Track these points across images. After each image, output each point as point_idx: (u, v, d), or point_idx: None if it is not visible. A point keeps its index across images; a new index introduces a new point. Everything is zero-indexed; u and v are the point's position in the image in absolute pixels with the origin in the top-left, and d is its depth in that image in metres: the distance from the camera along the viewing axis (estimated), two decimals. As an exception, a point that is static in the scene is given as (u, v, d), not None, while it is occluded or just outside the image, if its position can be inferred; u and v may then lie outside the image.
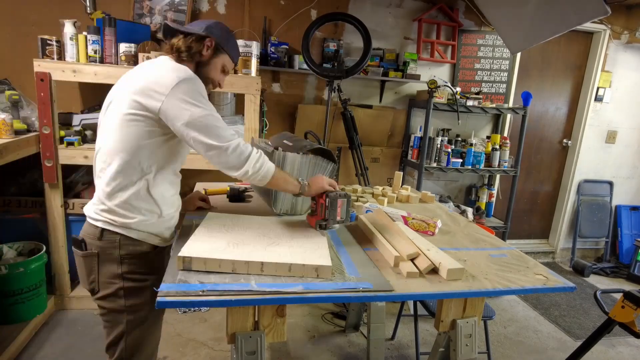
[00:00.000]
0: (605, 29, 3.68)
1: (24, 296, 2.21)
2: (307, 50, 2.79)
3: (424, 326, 2.65)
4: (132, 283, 1.27)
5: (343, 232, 1.51)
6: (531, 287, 1.22)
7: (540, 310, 3.08)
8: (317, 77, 3.12)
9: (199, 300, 0.98)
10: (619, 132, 4.00)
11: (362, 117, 3.25)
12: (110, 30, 2.24)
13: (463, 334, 1.26)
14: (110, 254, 1.25)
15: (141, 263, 1.28)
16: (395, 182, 2.20)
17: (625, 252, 4.02)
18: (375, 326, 1.81)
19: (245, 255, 1.13)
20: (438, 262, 1.22)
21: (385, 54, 3.29)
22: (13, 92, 2.20)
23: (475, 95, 3.32)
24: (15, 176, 2.54)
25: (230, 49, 1.35)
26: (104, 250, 1.25)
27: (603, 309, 1.79)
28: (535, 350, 2.59)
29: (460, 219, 1.82)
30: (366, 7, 3.21)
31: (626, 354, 2.62)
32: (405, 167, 3.55)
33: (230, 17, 2.98)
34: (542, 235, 4.27)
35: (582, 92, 3.91)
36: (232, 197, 1.78)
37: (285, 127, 3.27)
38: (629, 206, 4.16)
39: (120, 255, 1.25)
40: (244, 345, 1.08)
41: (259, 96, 2.45)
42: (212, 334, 2.43)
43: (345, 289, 1.07)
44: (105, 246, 1.25)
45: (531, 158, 4.00)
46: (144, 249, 1.28)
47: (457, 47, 3.43)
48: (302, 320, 2.66)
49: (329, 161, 1.58)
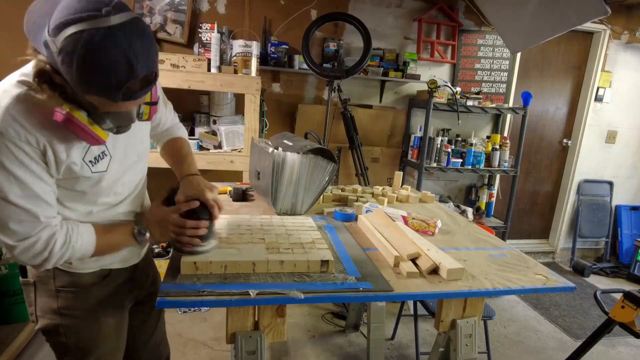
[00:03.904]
0: (605, 29, 3.68)
1: (24, 296, 2.20)
2: (307, 50, 2.79)
3: (424, 326, 2.65)
4: (72, 320, 1.06)
5: (343, 232, 1.51)
6: (531, 287, 1.22)
7: (540, 310, 3.08)
8: (317, 77, 3.12)
9: (199, 300, 0.98)
10: (619, 132, 4.00)
11: (362, 117, 3.25)
12: (110, 30, 2.24)
13: (463, 334, 1.26)
14: (44, 285, 1.05)
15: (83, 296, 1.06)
16: (395, 182, 2.20)
17: (625, 252, 4.02)
18: (375, 326, 1.80)
19: (247, 255, 1.13)
20: (438, 262, 1.22)
21: (385, 54, 3.29)
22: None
23: (475, 95, 3.32)
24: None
25: None
26: (40, 280, 1.05)
27: (603, 309, 1.79)
28: (535, 350, 2.59)
29: (460, 219, 1.82)
30: (366, 7, 3.21)
31: (626, 354, 2.62)
32: (405, 167, 3.55)
33: (230, 17, 2.98)
34: (542, 235, 4.28)
35: (582, 92, 3.91)
36: (236, 197, 1.78)
37: (285, 127, 3.27)
38: (629, 206, 4.16)
39: (56, 288, 1.04)
40: (244, 345, 1.08)
41: (259, 96, 2.45)
42: (212, 334, 2.43)
43: (345, 289, 1.07)
44: (39, 275, 1.05)
45: (531, 158, 4.00)
46: (86, 279, 1.06)
47: (457, 47, 3.43)
48: (302, 320, 2.66)
49: (329, 161, 1.58)
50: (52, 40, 0.74)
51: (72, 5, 0.73)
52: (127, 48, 0.74)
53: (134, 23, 0.76)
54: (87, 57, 0.72)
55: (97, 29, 0.72)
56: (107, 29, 0.72)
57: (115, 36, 0.73)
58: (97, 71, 0.74)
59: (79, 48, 0.71)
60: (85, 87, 0.76)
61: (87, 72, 0.74)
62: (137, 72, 0.76)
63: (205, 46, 2.52)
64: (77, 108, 0.81)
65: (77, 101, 0.81)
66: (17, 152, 0.81)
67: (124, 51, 0.74)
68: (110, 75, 0.74)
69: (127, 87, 0.77)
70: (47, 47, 0.76)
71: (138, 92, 0.80)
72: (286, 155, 1.50)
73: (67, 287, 1.05)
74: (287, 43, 3.05)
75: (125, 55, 0.74)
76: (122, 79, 0.75)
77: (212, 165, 2.54)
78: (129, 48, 0.74)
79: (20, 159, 0.82)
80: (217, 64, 2.41)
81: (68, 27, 0.72)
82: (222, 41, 2.47)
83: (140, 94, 0.82)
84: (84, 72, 0.73)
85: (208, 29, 2.55)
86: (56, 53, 0.74)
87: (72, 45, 0.72)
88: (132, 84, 0.77)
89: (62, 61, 0.74)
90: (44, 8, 0.79)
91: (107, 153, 0.98)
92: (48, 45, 0.75)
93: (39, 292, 1.07)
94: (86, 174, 0.94)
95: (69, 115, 0.79)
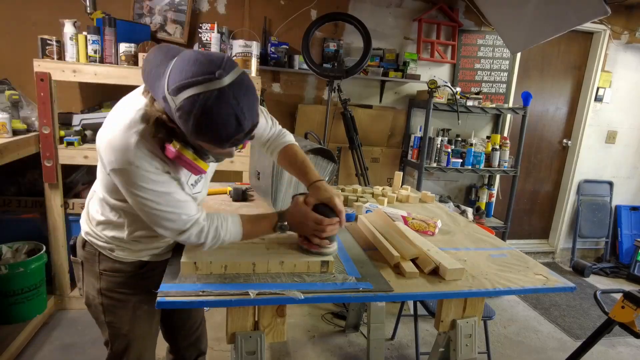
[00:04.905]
0: (605, 29, 3.68)
1: (24, 296, 2.21)
2: (307, 50, 2.79)
3: (424, 326, 2.65)
4: (111, 301, 1.22)
5: (343, 232, 1.51)
6: (531, 287, 1.22)
7: (540, 310, 3.08)
8: (317, 77, 3.12)
9: (199, 300, 0.98)
10: (619, 132, 4.00)
11: (362, 117, 3.25)
12: (110, 30, 2.24)
13: (463, 334, 1.26)
14: (91, 266, 1.20)
15: (122, 281, 1.21)
16: (395, 182, 2.20)
17: (625, 252, 4.02)
18: (375, 326, 1.80)
19: (247, 255, 1.13)
20: (438, 262, 1.22)
21: (385, 54, 3.29)
22: (13, 92, 2.20)
23: (475, 95, 3.32)
24: (15, 176, 2.54)
25: None
26: (87, 261, 1.21)
27: (603, 309, 1.79)
28: (535, 350, 2.59)
29: (460, 219, 1.82)
30: (366, 7, 3.21)
31: (626, 354, 2.62)
32: (405, 167, 3.55)
33: (230, 17, 2.98)
34: (542, 235, 4.27)
35: (582, 92, 3.91)
36: (236, 197, 1.78)
37: (285, 127, 3.18)
38: (629, 206, 4.16)
39: (100, 271, 1.19)
40: (244, 345, 1.08)
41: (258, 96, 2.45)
42: (212, 334, 2.42)
43: (345, 289, 1.07)
44: (87, 257, 1.21)
45: (531, 158, 4.00)
46: (126, 267, 1.20)
47: (457, 47, 3.43)
48: (302, 320, 2.66)
49: (329, 161, 1.58)
50: (172, 99, 0.85)
51: (190, 69, 0.82)
52: (236, 106, 0.84)
53: (240, 80, 0.86)
54: (202, 116, 0.83)
55: (212, 91, 0.82)
56: (219, 90, 0.82)
57: (226, 96, 0.83)
58: (211, 128, 0.85)
59: (196, 109, 0.82)
60: (198, 137, 0.89)
61: (201, 128, 0.85)
62: (244, 126, 0.87)
63: (205, 46, 2.52)
64: (185, 146, 0.94)
65: (185, 141, 0.94)
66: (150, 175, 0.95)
67: (233, 109, 0.84)
68: (222, 132, 0.86)
69: (235, 139, 0.89)
70: (165, 101, 0.87)
71: (242, 140, 0.93)
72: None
73: (108, 272, 1.19)
74: (287, 43, 3.05)
75: (235, 114, 0.85)
76: (231, 133, 0.87)
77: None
78: (237, 106, 0.84)
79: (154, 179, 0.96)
80: (217, 64, 2.41)
81: (186, 90, 0.82)
82: (222, 41, 2.47)
83: (245, 140, 0.95)
84: (199, 128, 0.85)
85: (208, 29, 2.55)
86: (174, 109, 0.85)
87: (189, 106, 0.82)
88: (239, 137, 0.89)
89: (180, 117, 0.85)
90: (158, 57, 0.94)
91: (202, 175, 1.15)
92: (167, 100, 0.86)
93: (86, 271, 1.22)
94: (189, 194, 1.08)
95: (178, 153, 0.93)
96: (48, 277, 2.40)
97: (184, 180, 1.06)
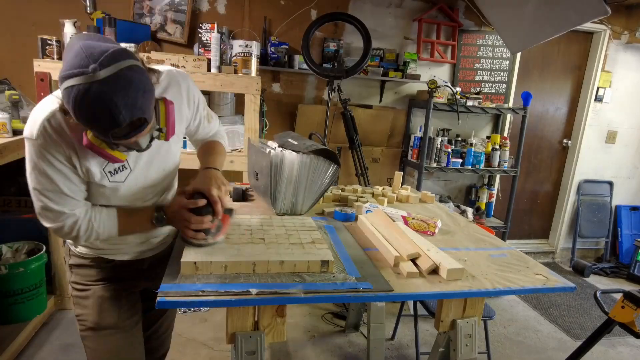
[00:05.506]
0: (605, 29, 3.68)
1: (23, 296, 2.21)
2: (307, 50, 2.79)
3: (424, 326, 2.65)
4: (76, 292, 1.26)
5: (343, 232, 1.51)
6: (531, 287, 1.21)
7: (540, 310, 3.08)
8: (317, 77, 3.12)
9: (199, 300, 0.98)
10: (619, 132, 4.00)
11: (362, 117, 3.25)
12: (110, 30, 2.24)
13: (463, 334, 1.26)
14: (67, 261, 1.29)
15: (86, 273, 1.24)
16: (395, 182, 2.20)
17: (625, 252, 4.02)
18: (375, 326, 1.80)
19: (246, 255, 1.13)
20: (438, 262, 1.22)
21: (385, 54, 3.29)
22: (13, 92, 2.20)
23: (475, 95, 3.32)
24: (15, 176, 2.54)
25: None
26: (66, 255, 1.30)
27: (603, 309, 1.79)
28: (535, 350, 2.59)
29: (460, 219, 1.82)
30: (366, 7, 3.21)
31: (626, 354, 2.62)
32: (405, 167, 3.55)
33: (230, 17, 2.98)
34: (542, 235, 4.27)
35: (582, 92, 3.91)
36: (236, 197, 1.78)
37: (286, 127, 3.27)
38: (629, 206, 4.16)
39: (69, 265, 1.27)
40: (244, 345, 1.08)
41: (259, 96, 2.45)
42: (212, 334, 2.43)
43: (345, 289, 1.07)
44: (65, 252, 1.30)
45: (531, 158, 4.00)
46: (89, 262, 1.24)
47: (457, 47, 3.43)
48: (302, 320, 2.66)
49: (331, 162, 1.57)
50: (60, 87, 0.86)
51: (70, 61, 0.82)
52: (109, 101, 0.81)
53: (119, 76, 0.83)
54: (75, 108, 0.83)
55: (84, 84, 0.80)
56: (91, 84, 0.80)
57: (97, 91, 0.81)
58: (86, 120, 0.85)
59: (70, 100, 0.82)
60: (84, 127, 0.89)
61: (79, 119, 0.85)
62: (119, 121, 0.84)
63: (205, 46, 2.52)
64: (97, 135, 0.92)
65: None
66: (47, 155, 0.96)
67: (106, 104, 0.82)
68: (95, 125, 0.86)
69: (113, 133, 0.86)
70: None
71: (128, 135, 0.89)
72: (284, 156, 1.49)
73: (75, 265, 1.25)
74: (287, 43, 3.05)
75: (108, 109, 0.82)
76: (106, 127, 0.85)
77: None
78: (110, 101, 0.81)
79: (50, 161, 0.97)
80: (217, 64, 2.41)
81: (65, 81, 0.82)
82: (222, 41, 2.47)
83: (132, 136, 0.90)
84: (77, 119, 0.85)
85: (208, 29, 2.55)
86: None
87: (66, 97, 0.83)
88: (117, 131, 0.86)
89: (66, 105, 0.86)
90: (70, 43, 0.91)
91: (127, 166, 1.10)
92: None
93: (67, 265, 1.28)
94: (105, 183, 1.07)
95: (89, 142, 0.92)
96: (48, 277, 2.40)
97: (95, 170, 1.03)
